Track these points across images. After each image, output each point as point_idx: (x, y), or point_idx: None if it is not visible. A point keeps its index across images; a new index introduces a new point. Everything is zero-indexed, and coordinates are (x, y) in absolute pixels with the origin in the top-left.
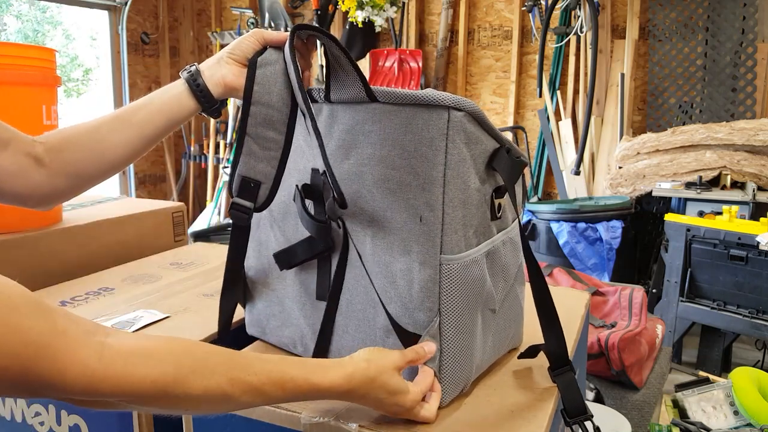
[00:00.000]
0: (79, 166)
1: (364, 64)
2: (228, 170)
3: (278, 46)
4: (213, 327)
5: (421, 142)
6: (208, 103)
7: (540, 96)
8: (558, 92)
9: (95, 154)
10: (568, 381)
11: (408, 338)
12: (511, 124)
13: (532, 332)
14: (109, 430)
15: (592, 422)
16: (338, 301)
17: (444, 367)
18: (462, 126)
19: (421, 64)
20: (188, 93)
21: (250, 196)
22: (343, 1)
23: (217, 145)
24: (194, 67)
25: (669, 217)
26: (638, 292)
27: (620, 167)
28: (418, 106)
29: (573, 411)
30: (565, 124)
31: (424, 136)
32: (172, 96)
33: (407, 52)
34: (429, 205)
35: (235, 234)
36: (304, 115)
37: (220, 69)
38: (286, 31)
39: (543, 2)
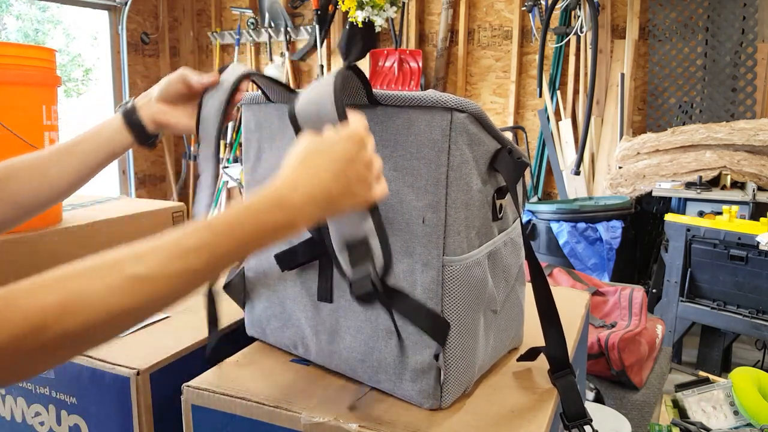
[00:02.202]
0: (23, 196)
1: (364, 64)
2: (228, 170)
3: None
4: None
5: (424, 144)
6: (143, 136)
7: (540, 96)
8: (558, 92)
9: (39, 184)
10: (568, 384)
11: (434, 323)
12: (511, 124)
13: (533, 332)
14: (109, 429)
15: (592, 426)
16: (340, 302)
17: (448, 368)
18: (464, 127)
19: (421, 64)
20: (125, 127)
21: None
22: (343, 1)
23: None
24: (130, 103)
25: (669, 217)
26: (638, 292)
27: (620, 167)
28: (420, 108)
29: (572, 415)
30: (565, 124)
31: (426, 138)
32: (112, 130)
33: (407, 52)
34: (432, 206)
35: None
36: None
37: (150, 107)
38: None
39: (543, 2)
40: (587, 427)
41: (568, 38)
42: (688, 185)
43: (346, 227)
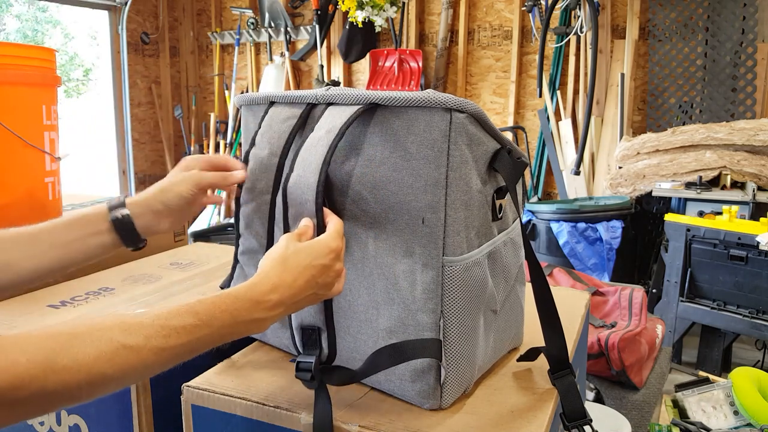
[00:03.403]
0: None
1: (364, 64)
2: None
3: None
4: None
5: (423, 144)
6: (134, 243)
7: (540, 96)
8: (558, 92)
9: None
10: (568, 384)
11: (415, 349)
12: (511, 124)
13: (533, 332)
14: (109, 429)
15: (592, 426)
16: (340, 302)
17: (448, 368)
18: (464, 128)
19: (421, 64)
20: (116, 239)
21: None
22: (343, 1)
23: (217, 145)
24: (126, 214)
25: (669, 217)
26: (638, 292)
27: (620, 167)
28: (420, 108)
29: (572, 415)
30: (565, 124)
31: (426, 138)
32: (100, 241)
33: (407, 52)
34: (431, 207)
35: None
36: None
37: (157, 224)
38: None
39: (543, 2)
40: (587, 427)
41: (568, 38)
42: (688, 185)
43: (304, 312)
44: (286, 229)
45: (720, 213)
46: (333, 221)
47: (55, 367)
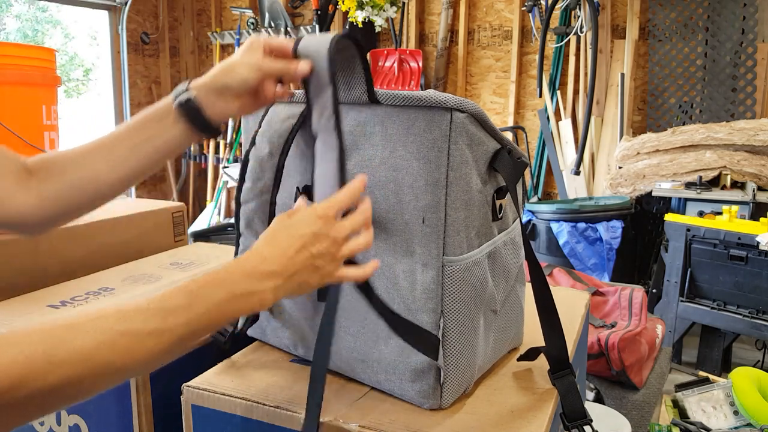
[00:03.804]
0: (69, 193)
1: None
2: (228, 170)
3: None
4: None
5: (424, 143)
6: (206, 129)
7: (540, 96)
8: (558, 92)
9: (85, 182)
10: (568, 384)
11: (412, 333)
12: (511, 124)
13: (533, 332)
14: (109, 429)
15: (592, 426)
16: (340, 303)
17: (447, 368)
18: (464, 127)
19: (421, 64)
20: (187, 127)
21: None
22: (343, 1)
23: (217, 145)
24: (190, 97)
25: (669, 217)
26: (638, 292)
27: (620, 167)
28: (420, 108)
29: (572, 415)
30: (565, 124)
31: (426, 138)
32: (173, 134)
33: (407, 52)
34: (431, 206)
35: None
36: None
37: (225, 105)
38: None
39: (543, 2)
40: (587, 427)
41: (568, 38)
42: (688, 185)
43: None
44: None
45: (720, 213)
46: (340, 194)
47: (54, 360)
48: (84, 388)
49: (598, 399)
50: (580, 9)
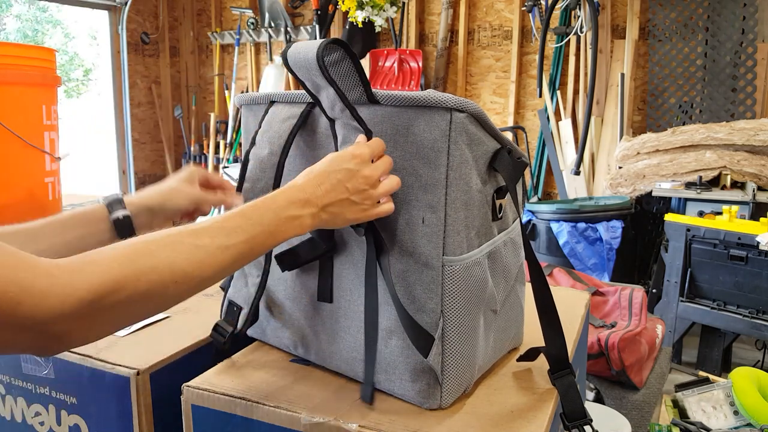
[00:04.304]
0: None
1: (364, 64)
2: (228, 170)
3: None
4: None
5: (424, 143)
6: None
7: (540, 96)
8: (558, 92)
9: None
10: (567, 384)
11: (420, 335)
12: (511, 124)
13: (533, 332)
14: (109, 429)
15: (592, 426)
16: (340, 302)
17: (447, 368)
18: (464, 127)
19: (421, 64)
20: (113, 236)
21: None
22: (343, 1)
23: (217, 145)
24: (126, 215)
25: (669, 217)
26: (638, 292)
27: (620, 167)
28: (420, 108)
29: (572, 415)
30: (565, 124)
31: (426, 138)
32: (97, 240)
33: (407, 52)
34: (431, 206)
35: None
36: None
37: (151, 223)
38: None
39: (543, 2)
40: (587, 427)
41: (568, 38)
42: (688, 185)
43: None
44: None
45: (720, 213)
46: (374, 140)
47: (143, 269)
48: (169, 293)
49: (598, 399)
50: (580, 9)
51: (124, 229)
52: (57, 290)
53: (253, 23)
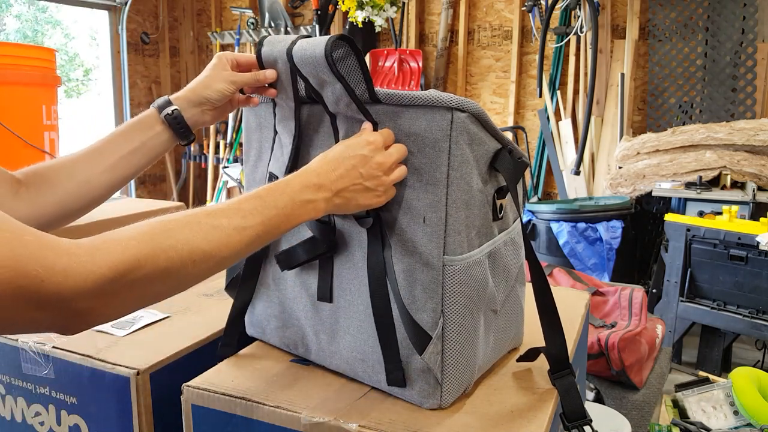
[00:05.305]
0: (64, 199)
1: None
2: (228, 170)
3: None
4: (214, 327)
5: (425, 143)
6: (186, 137)
7: (540, 96)
8: (558, 92)
9: (79, 188)
10: (568, 384)
11: (417, 333)
12: (511, 124)
13: (533, 332)
14: (109, 429)
15: (592, 426)
16: (340, 302)
17: (447, 368)
18: (465, 127)
19: (421, 64)
20: (171, 135)
21: None
22: (343, 1)
23: (217, 145)
24: (176, 109)
25: (669, 217)
26: (638, 292)
27: (620, 167)
28: (421, 108)
29: (572, 415)
30: (565, 124)
31: (427, 138)
32: (159, 141)
33: (407, 52)
34: (432, 206)
35: None
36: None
37: (202, 116)
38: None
39: (543, 2)
40: (587, 428)
41: (568, 38)
42: (688, 185)
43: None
44: None
45: (720, 213)
46: (382, 130)
47: (162, 246)
48: (187, 273)
49: (598, 399)
50: (580, 9)
51: (178, 125)
52: (79, 268)
53: (253, 23)
